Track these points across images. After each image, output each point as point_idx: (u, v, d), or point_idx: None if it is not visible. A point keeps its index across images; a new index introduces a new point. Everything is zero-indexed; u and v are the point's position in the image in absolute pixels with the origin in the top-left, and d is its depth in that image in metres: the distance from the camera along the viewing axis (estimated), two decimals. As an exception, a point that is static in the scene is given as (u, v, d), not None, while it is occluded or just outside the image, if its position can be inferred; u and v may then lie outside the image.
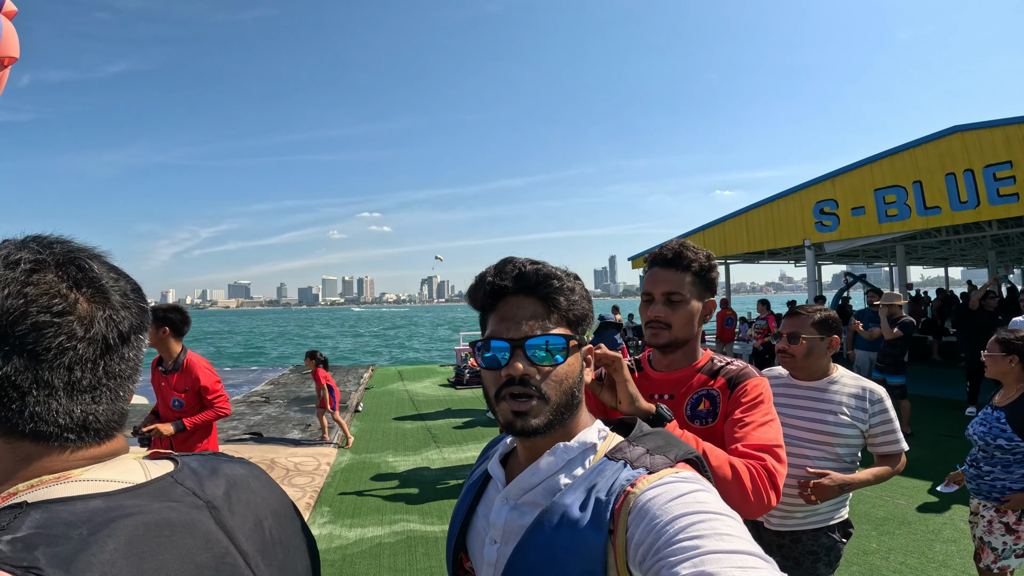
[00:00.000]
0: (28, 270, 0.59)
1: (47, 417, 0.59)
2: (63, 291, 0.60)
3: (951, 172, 9.92)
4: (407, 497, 5.56)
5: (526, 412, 0.87)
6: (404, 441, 7.79)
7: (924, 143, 10.39)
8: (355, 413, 9.71)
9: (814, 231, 12.53)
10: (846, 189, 11.83)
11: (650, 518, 0.74)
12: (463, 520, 1.02)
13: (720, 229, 15.36)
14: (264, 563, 0.70)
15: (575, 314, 0.92)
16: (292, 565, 0.75)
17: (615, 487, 0.81)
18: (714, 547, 0.66)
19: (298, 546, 0.79)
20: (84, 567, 0.51)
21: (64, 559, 0.51)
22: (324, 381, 7.60)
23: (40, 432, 0.59)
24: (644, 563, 0.72)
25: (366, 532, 4.75)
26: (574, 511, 0.82)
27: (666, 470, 0.82)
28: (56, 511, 0.55)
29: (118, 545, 0.55)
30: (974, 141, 9.62)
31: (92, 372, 0.62)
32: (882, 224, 11.20)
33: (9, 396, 0.58)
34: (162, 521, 0.60)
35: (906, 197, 10.67)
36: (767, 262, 19.13)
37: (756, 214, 14.17)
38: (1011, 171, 9.13)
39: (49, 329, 0.59)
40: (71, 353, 0.60)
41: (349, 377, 13.60)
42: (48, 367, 0.59)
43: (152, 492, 0.63)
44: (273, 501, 0.78)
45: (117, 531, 0.56)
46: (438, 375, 14.36)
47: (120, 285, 0.66)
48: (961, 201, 9.81)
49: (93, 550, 0.53)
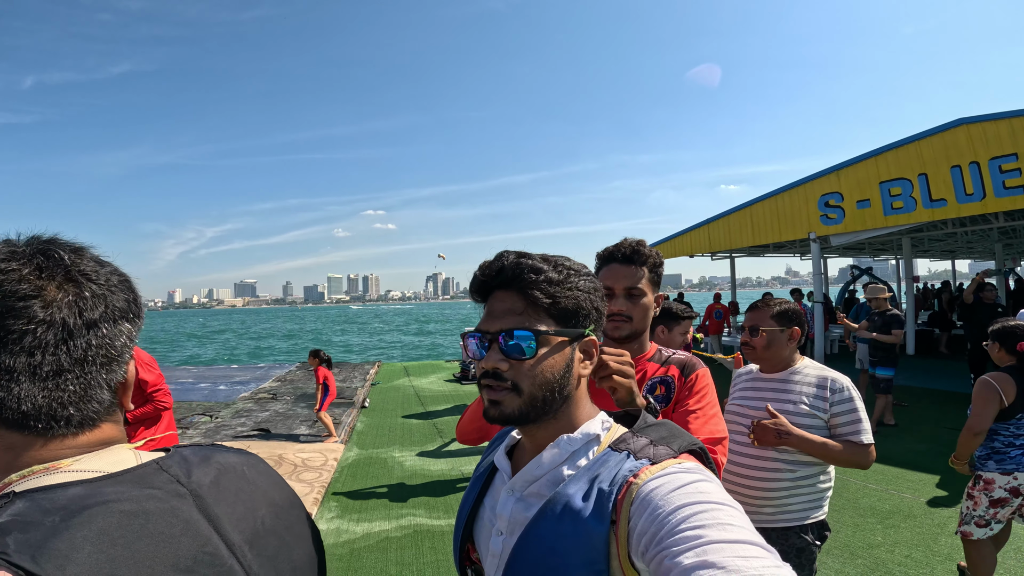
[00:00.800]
0: (3, 258, 0.61)
1: (9, 403, 0.59)
2: (27, 276, 0.61)
3: (956, 164, 9.86)
4: (413, 492, 5.61)
5: (498, 401, 0.89)
6: (410, 436, 7.84)
7: (929, 136, 10.33)
8: (361, 409, 9.77)
9: (819, 224, 12.49)
10: (851, 182, 11.78)
11: (652, 508, 0.75)
12: (470, 511, 1.03)
13: (725, 223, 15.33)
14: (252, 552, 0.69)
15: (562, 307, 0.90)
16: (287, 555, 0.75)
17: (618, 478, 0.82)
18: (716, 536, 0.66)
19: (297, 536, 0.78)
20: (51, 553, 0.52)
21: (32, 545, 0.52)
22: (322, 380, 7.65)
23: (4, 419, 0.60)
24: (647, 553, 0.72)
25: (373, 527, 4.79)
26: (576, 501, 0.82)
27: (669, 461, 0.83)
28: (38, 499, 0.56)
29: (88, 533, 0.55)
30: (979, 133, 9.56)
31: (54, 356, 0.61)
32: (888, 217, 11.15)
33: None
34: (138, 509, 0.60)
35: (911, 189, 10.62)
36: (773, 256, 19.09)
37: (761, 207, 14.13)
38: (1017, 163, 9.07)
39: (9, 313, 0.59)
40: (30, 337, 0.60)
41: (356, 373, 13.67)
42: (8, 351, 0.59)
43: (133, 479, 0.63)
44: (271, 490, 0.77)
45: (90, 519, 0.56)
46: (444, 371, 14.41)
47: (101, 272, 0.66)
48: (967, 193, 9.75)
49: (63, 536, 0.53)
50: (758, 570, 0.61)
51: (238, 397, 11.23)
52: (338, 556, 4.28)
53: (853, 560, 3.85)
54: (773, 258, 20.27)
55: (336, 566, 4.12)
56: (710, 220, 15.84)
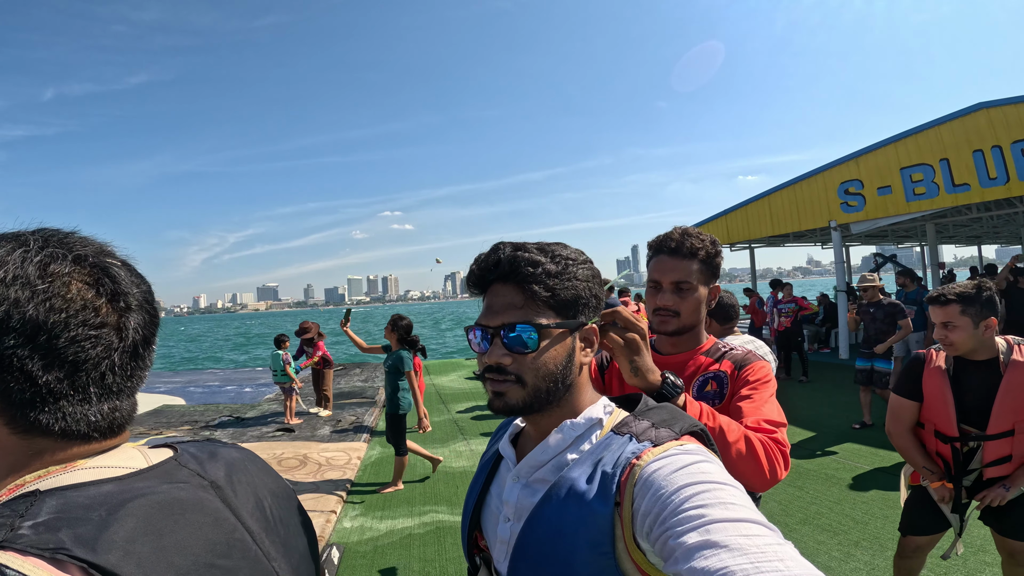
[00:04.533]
0: (65, 282, 0.61)
1: (80, 418, 0.62)
2: (98, 304, 0.62)
3: (978, 149, 9.71)
4: (436, 489, 5.68)
5: (503, 393, 0.90)
6: (432, 434, 7.92)
7: (949, 120, 10.17)
8: (383, 408, 9.88)
9: (840, 212, 12.34)
10: (871, 168, 11.62)
11: (655, 489, 0.76)
12: (477, 500, 1.05)
13: (743, 213, 15.20)
14: (269, 540, 0.72)
15: (561, 298, 0.90)
16: (294, 543, 0.78)
17: (621, 460, 0.83)
18: (719, 515, 0.68)
19: (297, 525, 0.81)
20: (108, 545, 0.53)
21: (88, 539, 0.52)
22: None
23: (68, 431, 0.61)
24: (651, 533, 0.74)
25: (396, 524, 4.87)
26: (580, 484, 0.84)
27: (671, 443, 0.84)
28: (71, 496, 0.56)
29: (137, 523, 0.56)
30: (1000, 117, 9.40)
31: (123, 376, 0.65)
32: (910, 203, 11.00)
33: (45, 402, 0.59)
34: (173, 500, 0.62)
35: (933, 175, 10.46)
36: (793, 245, 18.86)
37: (779, 196, 13.99)
38: (1040, 145, 8.92)
39: (88, 341, 0.61)
40: (107, 362, 0.63)
41: (377, 373, 13.80)
42: (85, 375, 0.61)
43: (159, 475, 0.66)
44: (270, 483, 0.80)
45: (134, 511, 0.57)
46: (464, 368, 14.48)
47: (141, 290, 0.68)
48: (990, 177, 9.59)
49: (114, 528, 0.54)
50: (761, 548, 0.62)
51: (263, 399, 11.44)
52: (362, 553, 4.35)
53: (883, 552, 3.81)
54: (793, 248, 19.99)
55: (360, 563, 4.19)
56: (728, 211, 15.71)
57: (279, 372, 8.71)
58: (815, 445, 6.30)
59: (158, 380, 15.82)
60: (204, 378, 15.48)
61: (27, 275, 0.59)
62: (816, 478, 5.35)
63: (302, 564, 0.78)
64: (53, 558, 0.50)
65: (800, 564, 0.61)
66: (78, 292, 0.61)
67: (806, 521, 4.40)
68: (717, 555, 0.63)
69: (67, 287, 0.60)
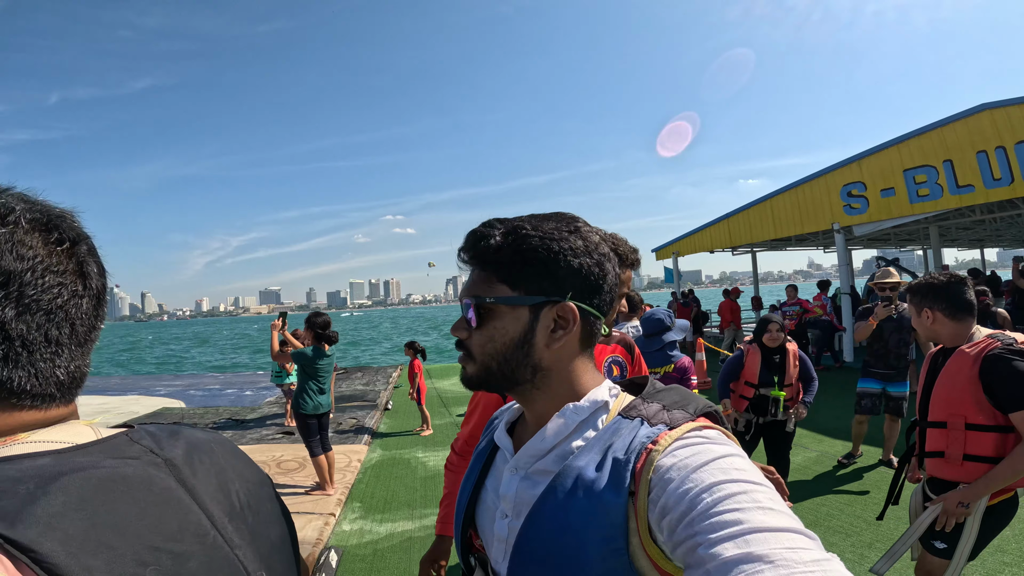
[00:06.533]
0: (27, 228, 0.59)
1: (48, 374, 0.59)
2: (60, 250, 0.61)
3: (982, 150, 9.66)
4: (436, 492, 5.59)
5: (463, 366, 0.90)
6: (433, 437, 7.87)
7: (952, 122, 10.13)
8: (384, 411, 9.83)
9: (842, 214, 12.29)
10: (874, 171, 11.58)
11: (680, 483, 0.68)
12: (470, 496, 0.97)
13: (745, 216, 15.16)
14: (232, 526, 0.66)
15: (511, 272, 0.83)
16: (265, 531, 0.72)
17: (634, 445, 0.75)
18: (758, 523, 0.60)
19: (270, 513, 0.76)
20: (30, 520, 0.48)
21: (8, 512, 0.48)
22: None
23: (36, 391, 0.58)
24: (675, 534, 0.66)
25: (396, 527, 4.81)
26: (589, 473, 0.76)
27: (688, 424, 0.77)
28: (2, 470, 0.52)
29: (68, 499, 0.52)
30: (1004, 118, 9.36)
31: (87, 325, 0.63)
32: (914, 204, 10.94)
33: (18, 355, 0.57)
34: (116, 476, 0.58)
35: (937, 176, 10.41)
36: (794, 248, 18.82)
37: (782, 199, 13.95)
38: (1045, 146, 8.87)
39: (57, 287, 0.59)
40: (74, 309, 0.61)
41: (378, 377, 13.76)
42: (57, 324, 0.59)
43: (105, 449, 0.61)
44: (240, 467, 0.75)
45: (67, 485, 0.53)
46: (465, 372, 14.44)
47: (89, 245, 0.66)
48: (995, 178, 9.54)
49: (41, 503, 0.50)
50: (807, 563, 0.56)
51: (263, 402, 11.40)
52: (361, 556, 4.30)
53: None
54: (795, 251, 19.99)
55: (359, 566, 4.14)
56: (730, 214, 15.68)
57: (283, 373, 8.66)
58: (823, 447, 6.25)
59: (158, 383, 15.79)
60: (204, 381, 15.43)
61: None
62: (826, 480, 5.32)
63: (274, 554, 0.72)
64: None
65: None
66: (40, 239, 0.59)
67: (816, 523, 4.36)
68: (761, 572, 0.56)
69: (28, 235, 0.59)
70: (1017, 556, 3.62)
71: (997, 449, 2.20)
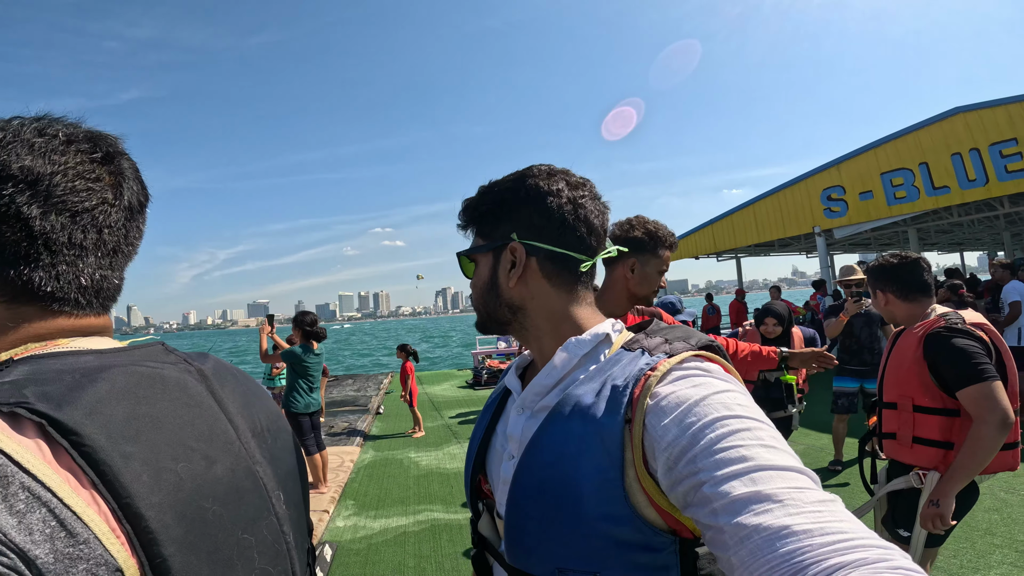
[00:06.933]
0: (64, 140, 0.61)
1: (70, 277, 0.60)
2: (94, 158, 0.63)
3: (957, 152, 9.97)
4: (430, 489, 5.68)
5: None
6: (425, 439, 7.93)
7: (927, 125, 10.45)
8: (376, 415, 9.88)
9: (823, 218, 12.56)
10: (853, 174, 11.87)
11: (682, 415, 0.67)
12: (481, 441, 0.97)
13: (728, 222, 15.40)
14: (255, 443, 0.68)
15: (482, 224, 0.92)
16: (282, 456, 0.74)
17: (632, 373, 0.75)
18: (764, 461, 0.60)
19: (286, 441, 0.77)
20: (76, 403, 0.50)
21: (54, 396, 0.50)
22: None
23: (59, 293, 0.59)
24: (675, 470, 0.65)
25: (390, 522, 4.87)
26: (587, 399, 0.75)
27: (688, 353, 0.76)
28: (45, 363, 0.54)
29: (112, 388, 0.54)
30: (977, 121, 9.68)
31: (116, 236, 0.64)
32: (892, 207, 11.23)
33: (40, 254, 0.58)
34: (155, 375, 0.60)
35: (913, 179, 10.70)
36: (778, 254, 19.10)
37: (764, 204, 14.21)
38: (1017, 147, 9.19)
39: (86, 191, 0.61)
40: (103, 216, 0.62)
41: (369, 383, 13.79)
42: (82, 228, 0.60)
43: (145, 353, 0.63)
44: (262, 396, 0.77)
45: (111, 376, 0.55)
46: (456, 378, 14.48)
47: (131, 161, 0.68)
48: (969, 179, 9.84)
49: (87, 389, 0.52)
50: (814, 504, 0.56)
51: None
52: (355, 551, 4.35)
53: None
54: (778, 257, 20.26)
55: (353, 560, 4.19)
56: (714, 220, 15.92)
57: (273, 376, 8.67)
58: (810, 440, 6.36)
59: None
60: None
61: (24, 135, 0.60)
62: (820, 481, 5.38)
63: (289, 480, 0.73)
64: (11, 413, 0.47)
65: (859, 525, 0.55)
66: (75, 149, 0.62)
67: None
68: (771, 511, 0.55)
69: (65, 145, 0.61)
70: (1006, 539, 3.74)
71: (943, 433, 2.14)
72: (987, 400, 1.99)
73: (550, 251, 0.87)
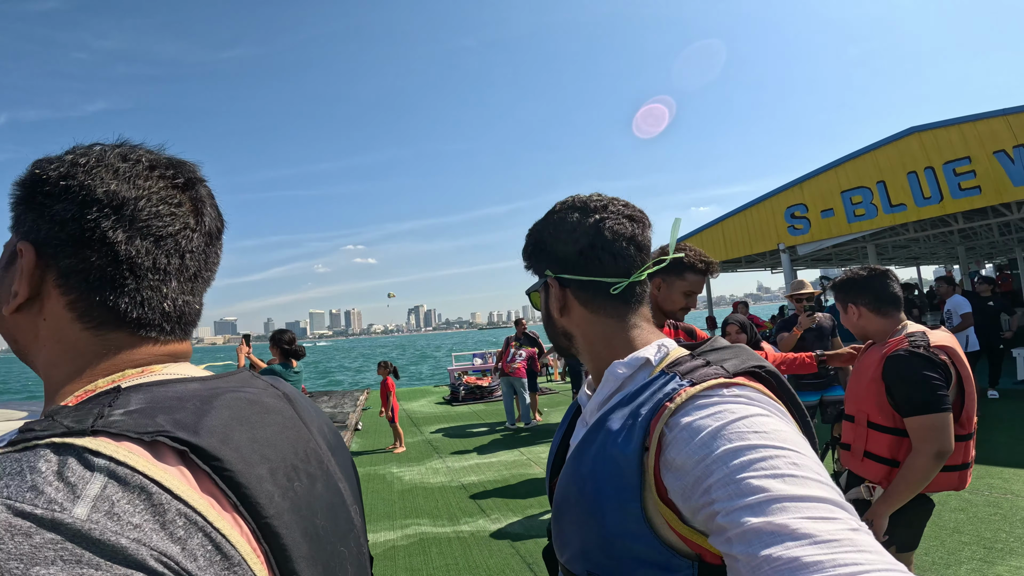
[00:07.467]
0: (148, 166, 0.62)
1: (155, 303, 0.60)
2: (175, 184, 0.63)
3: (912, 171, 10.45)
4: (415, 503, 5.71)
5: None
6: (406, 454, 7.97)
7: (884, 145, 10.93)
8: (355, 431, 9.86)
9: (787, 235, 12.98)
10: (815, 193, 12.33)
11: (697, 446, 0.67)
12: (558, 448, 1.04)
13: (698, 239, 15.77)
14: (336, 460, 0.71)
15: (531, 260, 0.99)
16: (350, 472, 0.76)
17: (656, 400, 0.75)
18: (782, 491, 0.58)
19: (348, 458, 0.79)
20: (209, 430, 0.51)
21: (187, 424, 0.50)
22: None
23: (144, 319, 0.59)
24: (692, 499, 0.66)
25: (378, 537, 4.88)
26: (614, 425, 0.78)
27: (713, 381, 0.74)
28: (158, 391, 0.53)
29: (232, 414, 0.56)
30: (931, 140, 10.16)
31: (197, 261, 0.64)
32: (851, 224, 11.69)
33: (125, 279, 0.58)
34: (258, 400, 0.62)
35: (872, 197, 11.18)
36: (744, 270, 19.57)
37: (731, 222, 14.63)
38: (970, 166, 9.66)
39: (169, 216, 0.61)
40: (185, 241, 0.62)
41: (346, 400, 13.67)
42: (166, 252, 0.60)
43: (238, 380, 0.64)
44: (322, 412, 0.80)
45: (227, 403, 0.57)
46: (433, 395, 14.47)
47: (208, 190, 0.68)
48: (924, 197, 10.31)
49: (212, 416, 0.53)
50: (834, 535, 0.53)
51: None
52: (347, 564, 4.38)
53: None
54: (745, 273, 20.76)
55: None
56: (685, 237, 16.27)
57: None
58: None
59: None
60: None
61: (108, 159, 0.60)
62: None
63: (357, 496, 0.76)
64: (152, 441, 0.48)
65: (878, 555, 0.52)
66: (158, 175, 0.62)
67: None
68: (783, 543, 0.54)
69: (148, 170, 0.62)
70: (974, 536, 3.94)
71: (892, 451, 2.15)
72: (929, 432, 2.01)
73: (579, 281, 0.91)
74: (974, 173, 9.64)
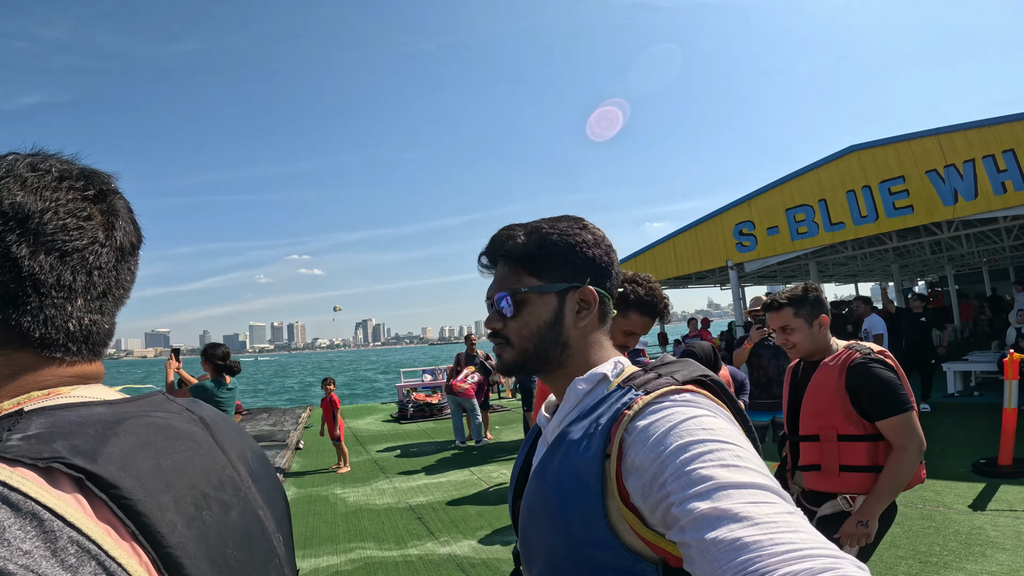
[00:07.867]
0: (57, 176, 0.60)
1: (58, 323, 0.58)
2: (86, 196, 0.61)
3: (851, 189, 10.80)
4: (360, 526, 5.46)
5: (500, 355, 1.00)
6: (352, 474, 7.64)
7: (826, 163, 11.28)
8: (296, 451, 9.45)
9: (735, 252, 13.26)
10: (761, 210, 12.64)
11: (652, 445, 0.72)
12: (519, 471, 1.07)
13: (651, 255, 15.99)
14: (255, 487, 0.69)
15: (538, 264, 0.96)
16: (274, 500, 0.74)
17: (614, 410, 0.81)
18: (726, 479, 0.64)
19: (274, 483, 0.77)
20: (108, 457, 0.50)
21: (85, 450, 0.49)
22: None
23: (47, 339, 0.57)
24: (649, 497, 0.71)
25: (320, 562, 4.63)
26: (575, 435, 0.83)
27: (665, 389, 0.81)
28: (60, 415, 0.52)
29: (136, 440, 0.54)
30: (869, 159, 10.52)
31: (107, 279, 0.62)
32: (795, 241, 12.01)
33: (28, 297, 0.56)
34: (168, 425, 0.60)
35: (813, 215, 11.52)
36: (695, 286, 19.96)
37: (683, 239, 14.88)
38: (904, 185, 10.03)
39: (76, 231, 0.59)
40: (93, 257, 0.60)
41: (286, 417, 13.17)
42: (71, 269, 0.58)
43: (150, 404, 0.62)
44: (248, 439, 0.77)
45: (131, 428, 0.55)
46: (380, 412, 14.10)
47: (124, 200, 0.67)
48: (862, 216, 10.67)
49: (113, 442, 0.51)
50: (772, 517, 0.59)
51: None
52: (284, 593, 4.10)
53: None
54: (696, 289, 21.18)
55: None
56: (636, 254, 16.48)
57: None
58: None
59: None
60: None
61: (17, 170, 0.58)
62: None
63: (284, 522, 0.75)
64: (47, 467, 0.46)
65: (812, 535, 0.58)
66: (68, 186, 0.60)
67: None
68: (727, 525, 0.60)
69: (57, 181, 0.60)
70: (909, 551, 3.99)
71: (871, 458, 2.20)
72: (907, 429, 2.12)
73: (605, 296, 0.98)
74: (907, 192, 9.99)
